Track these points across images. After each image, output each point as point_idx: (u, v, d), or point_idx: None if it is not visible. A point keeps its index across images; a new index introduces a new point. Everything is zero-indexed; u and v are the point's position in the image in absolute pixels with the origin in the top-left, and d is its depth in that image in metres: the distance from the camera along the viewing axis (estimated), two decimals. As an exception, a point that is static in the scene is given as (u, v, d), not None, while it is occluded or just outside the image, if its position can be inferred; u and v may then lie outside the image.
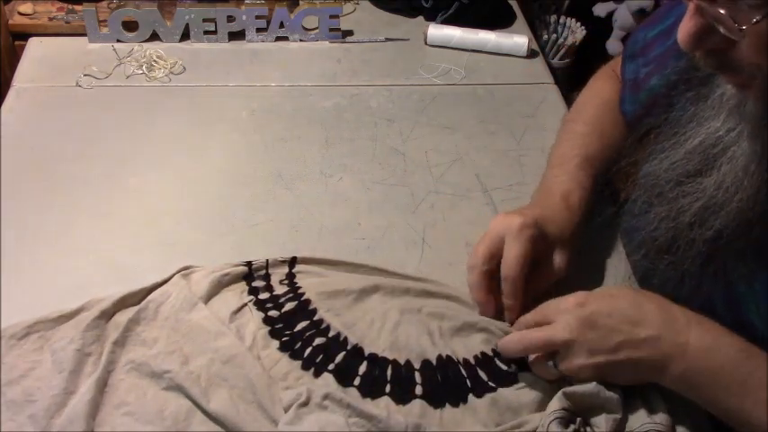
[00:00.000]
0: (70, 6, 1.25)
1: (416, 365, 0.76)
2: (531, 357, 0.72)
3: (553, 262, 0.80)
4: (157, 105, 1.10)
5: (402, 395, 0.73)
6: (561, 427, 0.67)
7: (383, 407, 0.72)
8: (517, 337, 0.73)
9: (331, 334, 0.77)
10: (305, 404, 0.70)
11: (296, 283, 0.81)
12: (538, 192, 0.89)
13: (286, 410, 0.70)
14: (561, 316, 0.70)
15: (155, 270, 0.82)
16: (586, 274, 0.86)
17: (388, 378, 0.74)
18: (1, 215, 0.89)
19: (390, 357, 0.76)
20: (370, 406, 0.71)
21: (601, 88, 0.99)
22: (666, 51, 0.84)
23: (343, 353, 0.76)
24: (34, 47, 1.20)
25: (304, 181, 0.99)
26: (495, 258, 0.78)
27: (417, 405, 0.72)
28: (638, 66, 0.91)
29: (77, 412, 0.68)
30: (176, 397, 0.71)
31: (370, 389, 0.73)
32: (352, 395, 0.72)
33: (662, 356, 0.67)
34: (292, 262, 0.84)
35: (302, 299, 0.80)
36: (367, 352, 0.76)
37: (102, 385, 0.71)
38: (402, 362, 0.76)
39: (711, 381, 0.66)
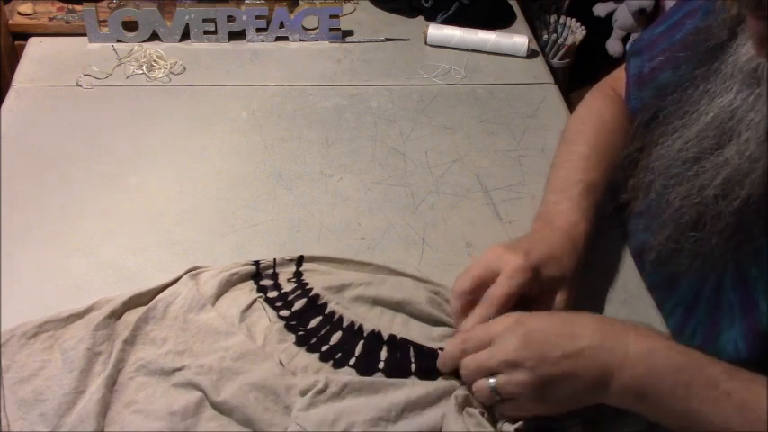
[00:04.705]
0: (70, 6, 1.25)
1: (436, 346, 0.76)
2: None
3: (552, 301, 0.78)
4: (157, 105, 1.10)
5: (429, 373, 0.73)
6: None
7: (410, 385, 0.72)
8: (455, 357, 0.71)
9: (345, 324, 0.77)
10: (322, 391, 0.70)
11: (303, 280, 0.81)
12: (540, 219, 0.86)
13: (302, 395, 0.70)
14: (499, 337, 0.69)
15: (155, 270, 0.82)
16: (592, 277, 0.87)
17: (413, 359, 0.74)
18: (1, 215, 0.89)
19: (408, 338, 0.76)
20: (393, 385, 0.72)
21: (600, 108, 0.96)
22: (673, 45, 0.83)
23: (362, 341, 0.76)
24: (34, 47, 1.20)
25: (304, 181, 0.99)
26: (483, 289, 0.76)
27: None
28: (643, 61, 0.90)
29: (88, 411, 0.68)
30: (185, 392, 0.71)
31: (396, 372, 0.73)
32: (377, 378, 0.73)
33: (602, 365, 0.66)
34: (299, 261, 0.84)
35: (311, 294, 0.80)
36: (385, 336, 0.76)
37: (112, 383, 0.71)
38: (423, 343, 0.76)
39: (656, 385, 0.65)
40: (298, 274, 0.82)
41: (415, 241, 0.91)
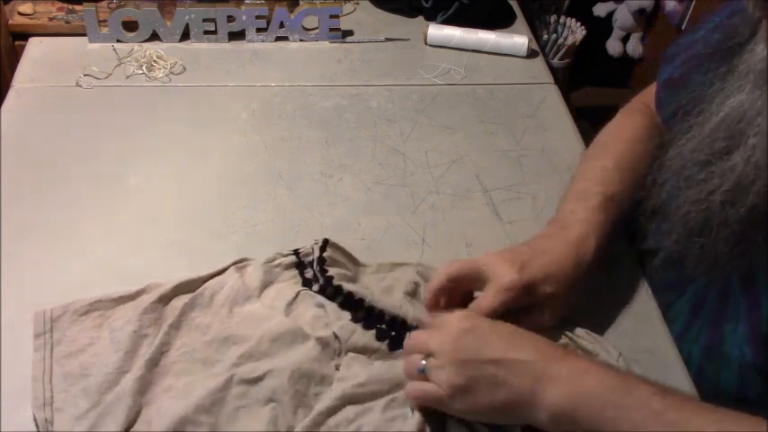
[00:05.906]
0: (70, 6, 1.25)
1: None
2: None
3: (539, 314, 0.76)
4: (157, 105, 1.10)
5: None
6: None
7: None
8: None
9: (387, 318, 0.77)
10: (362, 385, 0.70)
11: (326, 271, 0.81)
12: (553, 224, 0.82)
13: (338, 381, 0.71)
14: (445, 326, 0.69)
15: (155, 270, 0.82)
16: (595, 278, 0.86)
17: None
18: (1, 215, 0.89)
19: None
20: None
21: (627, 123, 0.93)
22: (707, 46, 0.80)
23: (408, 332, 0.76)
24: (34, 47, 1.20)
25: (304, 181, 0.99)
26: (463, 285, 0.75)
27: None
28: (675, 66, 0.86)
29: (125, 390, 0.70)
30: (217, 375, 0.72)
31: None
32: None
33: (532, 382, 0.64)
34: (324, 245, 0.82)
35: (345, 292, 0.79)
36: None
37: (153, 365, 0.72)
38: None
39: (586, 407, 0.63)
40: (321, 261, 0.81)
41: (415, 241, 0.91)
